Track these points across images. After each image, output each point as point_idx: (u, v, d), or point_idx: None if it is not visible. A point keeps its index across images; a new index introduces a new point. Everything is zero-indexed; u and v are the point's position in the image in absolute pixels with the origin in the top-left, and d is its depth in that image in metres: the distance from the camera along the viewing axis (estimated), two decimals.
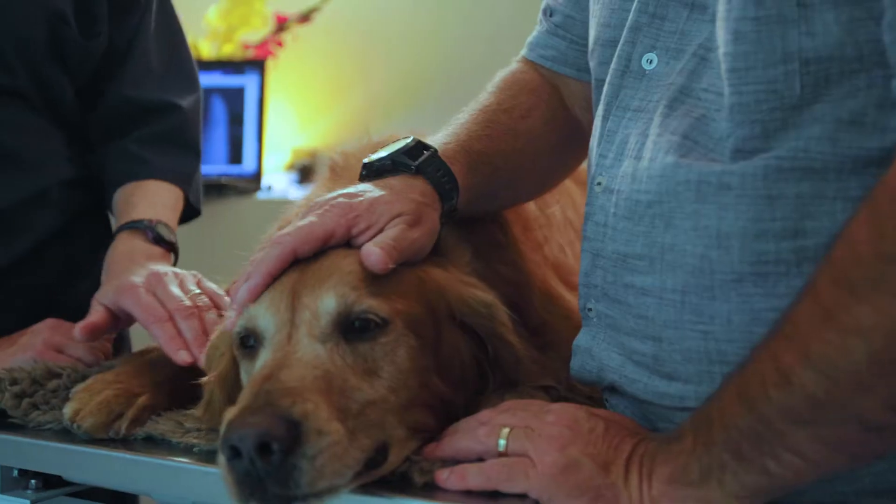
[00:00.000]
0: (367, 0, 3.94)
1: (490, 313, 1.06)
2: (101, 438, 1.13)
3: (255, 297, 1.01)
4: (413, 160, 1.12)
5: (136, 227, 1.50)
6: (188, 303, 1.26)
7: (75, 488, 1.28)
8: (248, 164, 3.75)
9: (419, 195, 1.10)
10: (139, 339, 1.58)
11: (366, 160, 1.15)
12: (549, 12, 1.36)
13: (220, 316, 1.26)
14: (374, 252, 1.00)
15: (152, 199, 1.59)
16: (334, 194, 1.08)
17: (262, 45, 3.87)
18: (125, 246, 1.48)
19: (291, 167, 4.07)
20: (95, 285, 1.67)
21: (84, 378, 1.28)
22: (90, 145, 1.67)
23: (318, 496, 0.87)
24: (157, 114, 1.67)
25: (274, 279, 1.02)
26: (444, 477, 0.94)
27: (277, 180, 4.04)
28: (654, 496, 0.88)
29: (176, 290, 1.28)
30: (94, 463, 1.10)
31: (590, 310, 1.09)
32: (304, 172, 4.07)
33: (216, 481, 1.03)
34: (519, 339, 1.09)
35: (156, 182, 1.63)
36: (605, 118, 1.09)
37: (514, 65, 1.41)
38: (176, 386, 1.21)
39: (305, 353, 0.94)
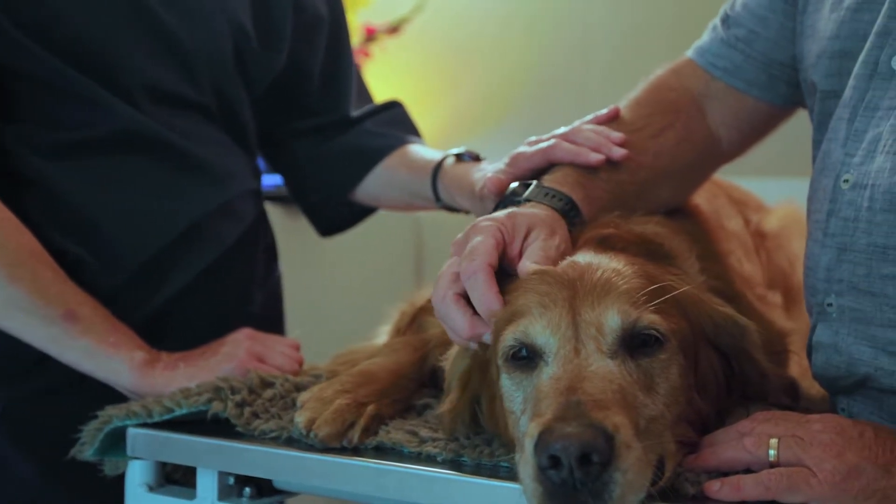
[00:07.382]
0: (457, 12, 3.95)
1: (741, 333, 1.08)
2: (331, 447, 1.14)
3: (500, 304, 1.03)
4: (519, 196, 1.22)
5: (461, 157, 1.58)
6: None
7: (284, 497, 1.29)
8: None
9: (542, 213, 1.17)
10: None
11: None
12: (727, 23, 1.39)
13: None
14: (529, 267, 1.07)
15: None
16: (475, 223, 1.14)
17: None
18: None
19: None
20: (270, 295, 1.69)
21: (296, 388, 1.29)
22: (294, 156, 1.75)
23: None
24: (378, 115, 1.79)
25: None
26: (716, 488, 0.94)
27: None
28: None
29: None
30: (336, 471, 1.11)
31: (829, 305, 1.11)
32: None
33: (457, 487, 1.05)
34: (765, 356, 1.09)
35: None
36: (850, 120, 1.12)
37: (664, 69, 1.44)
38: (396, 397, 1.23)
39: (599, 367, 0.95)
